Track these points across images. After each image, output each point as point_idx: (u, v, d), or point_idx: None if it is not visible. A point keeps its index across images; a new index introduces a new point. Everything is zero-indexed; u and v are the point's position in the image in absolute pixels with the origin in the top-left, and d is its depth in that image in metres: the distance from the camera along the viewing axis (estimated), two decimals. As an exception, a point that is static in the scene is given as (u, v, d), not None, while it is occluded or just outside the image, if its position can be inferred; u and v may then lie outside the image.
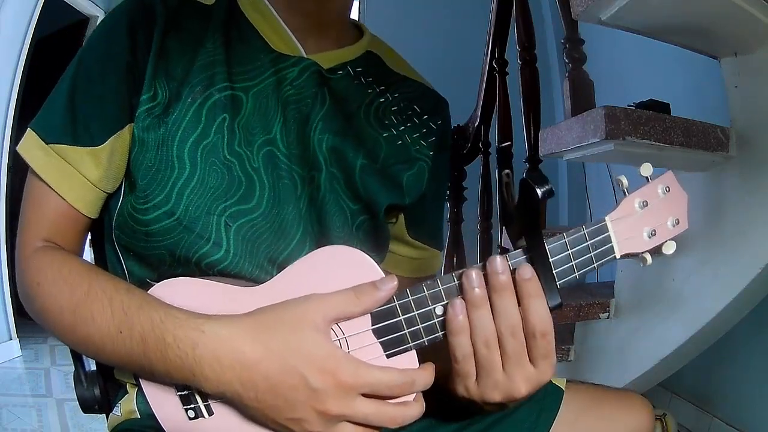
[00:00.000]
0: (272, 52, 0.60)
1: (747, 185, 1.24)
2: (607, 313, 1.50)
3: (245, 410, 0.48)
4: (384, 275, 0.49)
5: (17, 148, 0.57)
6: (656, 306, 1.42)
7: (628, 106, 1.29)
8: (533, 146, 1.60)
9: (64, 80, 0.57)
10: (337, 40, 0.66)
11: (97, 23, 3.11)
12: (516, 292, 0.47)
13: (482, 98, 2.00)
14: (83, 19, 3.52)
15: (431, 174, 0.69)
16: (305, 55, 0.61)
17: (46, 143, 0.55)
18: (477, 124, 2.03)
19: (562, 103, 1.61)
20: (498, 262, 0.47)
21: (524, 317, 0.47)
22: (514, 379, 0.48)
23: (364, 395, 0.46)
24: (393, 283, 0.48)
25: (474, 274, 0.47)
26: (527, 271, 0.47)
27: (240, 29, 0.61)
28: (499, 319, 0.47)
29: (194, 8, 0.60)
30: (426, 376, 0.48)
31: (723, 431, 1.69)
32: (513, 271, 0.47)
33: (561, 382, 0.66)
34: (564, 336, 1.61)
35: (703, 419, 1.76)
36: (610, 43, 2.28)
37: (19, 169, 2.74)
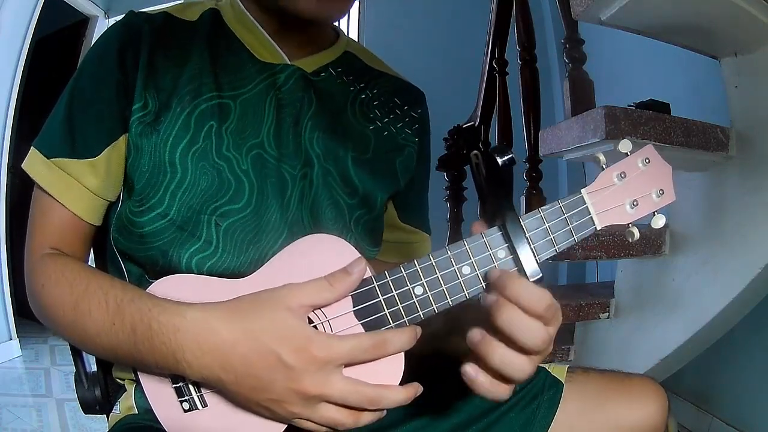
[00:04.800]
0: (258, 62, 0.63)
1: (747, 185, 1.24)
2: (607, 313, 1.50)
3: (230, 395, 0.50)
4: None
5: (22, 166, 0.61)
6: (656, 306, 1.42)
7: (628, 106, 1.29)
8: (533, 146, 1.60)
9: (60, 102, 0.61)
10: (317, 44, 0.69)
11: (96, 25, 3.10)
12: (505, 296, 0.44)
13: (482, 98, 2.00)
14: (83, 19, 3.52)
15: (418, 157, 0.73)
16: (289, 62, 0.64)
17: (48, 158, 0.59)
18: (477, 124, 2.03)
19: (562, 103, 1.61)
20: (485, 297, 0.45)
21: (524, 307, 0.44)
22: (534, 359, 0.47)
23: (346, 367, 0.47)
24: (361, 265, 0.48)
25: (476, 333, 0.45)
26: (494, 273, 0.45)
27: (225, 42, 0.64)
28: (522, 339, 0.44)
29: (179, 25, 0.63)
30: (401, 335, 0.48)
31: (723, 431, 1.69)
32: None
33: (561, 372, 0.64)
34: (564, 336, 1.61)
35: (703, 419, 1.76)
36: (610, 43, 2.28)
37: (19, 171, 2.73)
